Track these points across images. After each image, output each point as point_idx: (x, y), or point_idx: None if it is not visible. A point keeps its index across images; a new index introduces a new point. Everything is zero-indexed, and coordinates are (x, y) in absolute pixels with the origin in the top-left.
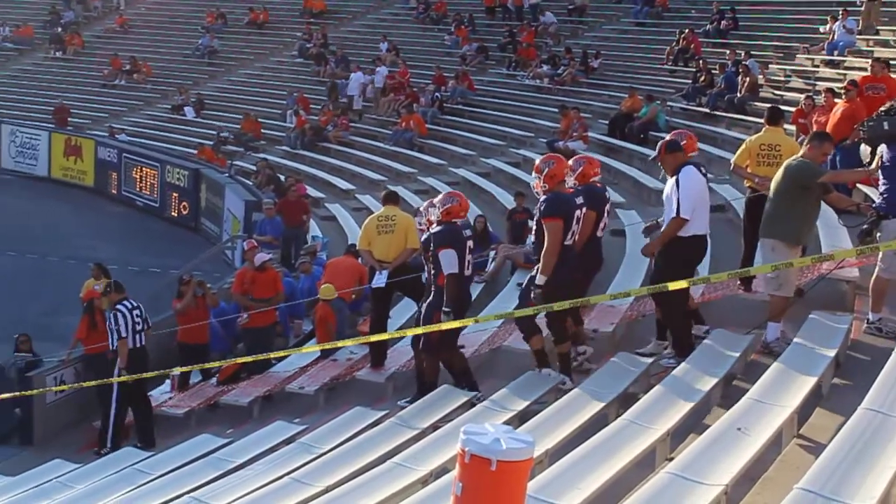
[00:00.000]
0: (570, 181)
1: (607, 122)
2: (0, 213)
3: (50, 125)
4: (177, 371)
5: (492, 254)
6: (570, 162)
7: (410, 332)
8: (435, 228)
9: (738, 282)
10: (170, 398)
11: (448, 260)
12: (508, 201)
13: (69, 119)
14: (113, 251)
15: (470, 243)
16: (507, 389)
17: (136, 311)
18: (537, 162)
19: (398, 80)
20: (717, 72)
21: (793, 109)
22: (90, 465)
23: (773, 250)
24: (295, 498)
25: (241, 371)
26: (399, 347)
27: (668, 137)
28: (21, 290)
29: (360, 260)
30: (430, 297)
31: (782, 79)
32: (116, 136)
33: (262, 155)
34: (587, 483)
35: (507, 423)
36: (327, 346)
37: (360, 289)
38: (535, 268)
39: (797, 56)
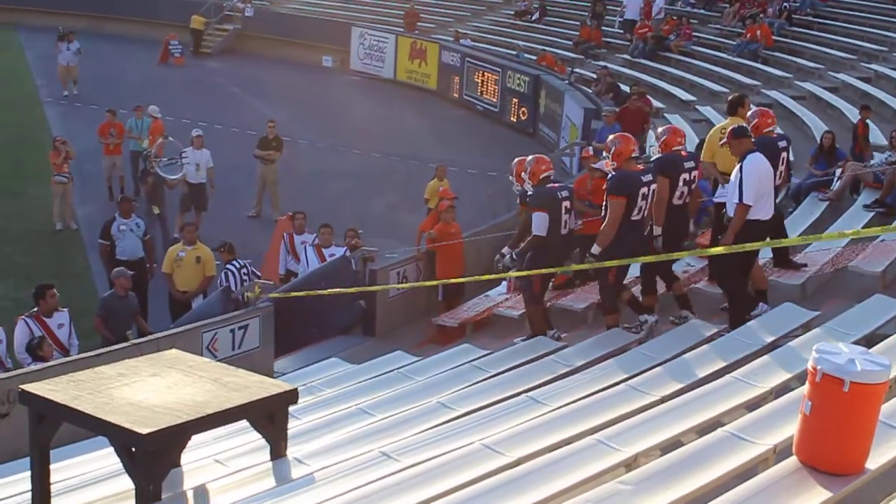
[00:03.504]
0: (655, 151)
1: None
2: (347, 114)
3: (397, 28)
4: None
5: (837, 171)
6: (659, 131)
7: (749, 246)
8: (529, 189)
9: None
10: (506, 299)
11: (538, 222)
12: (856, 117)
13: (417, 24)
14: (452, 153)
15: (566, 204)
16: (856, 311)
17: (244, 270)
18: (607, 141)
19: None
20: None
21: None
22: (429, 358)
23: None
24: (631, 405)
25: (575, 277)
26: None
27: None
28: (366, 188)
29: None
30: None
31: None
32: (460, 40)
33: (602, 63)
34: None
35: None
36: (662, 257)
37: (700, 200)
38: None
39: None
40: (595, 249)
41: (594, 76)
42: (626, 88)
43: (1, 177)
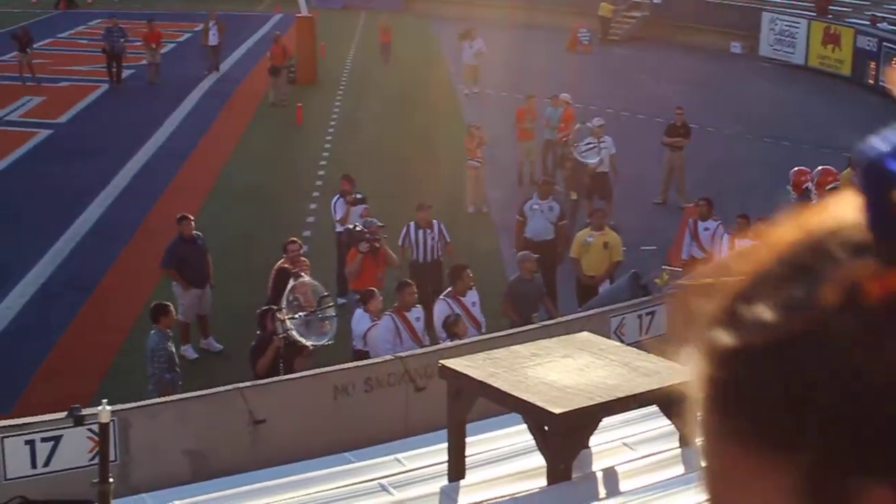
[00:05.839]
0: None
1: None
2: (756, 101)
3: (809, 13)
4: None
5: None
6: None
7: None
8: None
9: None
10: None
11: None
12: None
13: (829, 7)
14: (860, 142)
15: None
16: None
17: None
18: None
19: None
20: None
21: None
22: None
23: None
24: None
25: None
26: None
27: None
28: (776, 177)
29: None
30: None
31: None
32: (877, 24)
33: None
34: None
35: None
36: None
37: None
38: None
39: None
40: None
41: None
42: None
43: (418, 160)
